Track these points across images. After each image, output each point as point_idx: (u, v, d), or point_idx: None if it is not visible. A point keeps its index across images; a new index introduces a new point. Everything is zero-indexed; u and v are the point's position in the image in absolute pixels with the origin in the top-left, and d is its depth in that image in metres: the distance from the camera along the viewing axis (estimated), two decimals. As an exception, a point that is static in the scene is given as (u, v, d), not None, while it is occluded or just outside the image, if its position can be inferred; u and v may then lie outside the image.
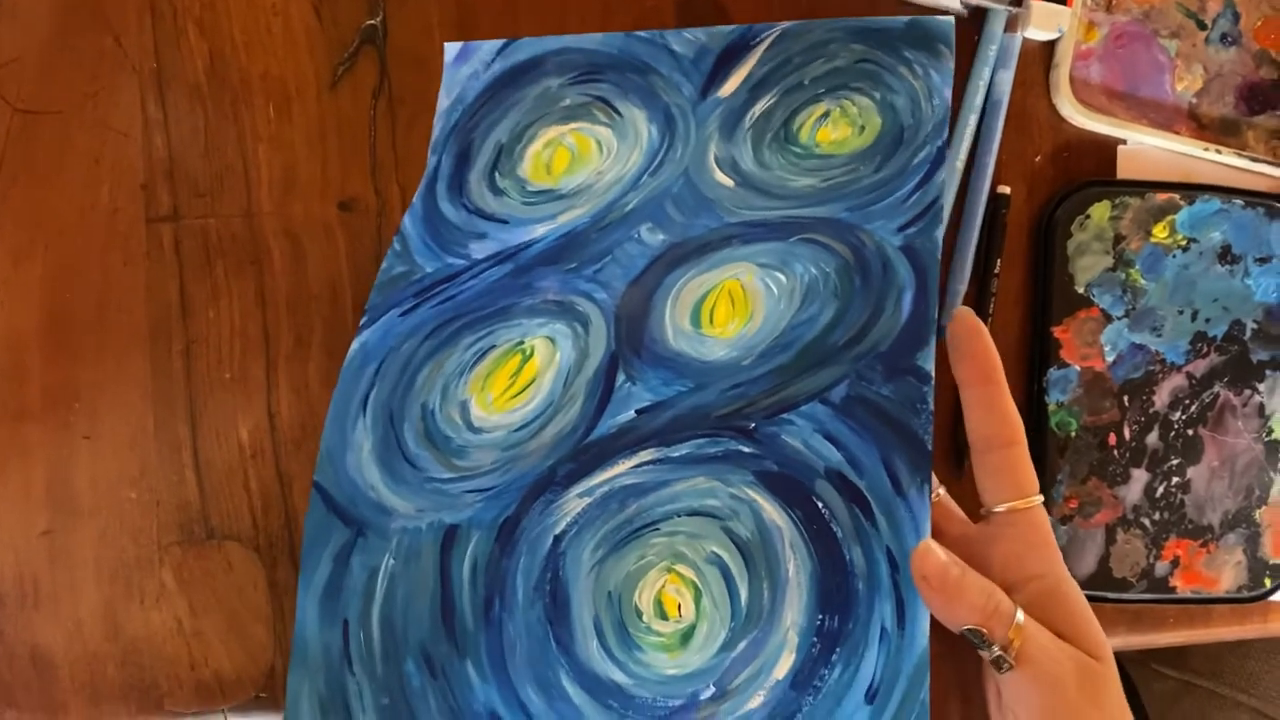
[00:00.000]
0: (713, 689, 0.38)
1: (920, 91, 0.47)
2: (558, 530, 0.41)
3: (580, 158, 0.47)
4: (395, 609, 0.41)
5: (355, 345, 0.46)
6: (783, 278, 0.43)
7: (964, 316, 0.39)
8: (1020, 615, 0.34)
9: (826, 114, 0.47)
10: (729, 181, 0.46)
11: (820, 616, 0.38)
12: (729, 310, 0.43)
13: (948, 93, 0.47)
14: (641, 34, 0.48)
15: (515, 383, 0.44)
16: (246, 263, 0.48)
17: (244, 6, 0.49)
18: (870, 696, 0.36)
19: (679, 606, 0.39)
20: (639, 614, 0.40)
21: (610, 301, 0.44)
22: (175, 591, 0.48)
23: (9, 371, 0.47)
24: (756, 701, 0.37)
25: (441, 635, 0.40)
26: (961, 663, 0.41)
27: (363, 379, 0.45)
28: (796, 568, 0.39)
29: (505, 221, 0.47)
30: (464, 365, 0.44)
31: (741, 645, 0.38)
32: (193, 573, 0.48)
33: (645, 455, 0.41)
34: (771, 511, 0.39)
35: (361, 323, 0.47)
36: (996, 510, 0.36)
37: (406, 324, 0.46)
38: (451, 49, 0.49)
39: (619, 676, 0.39)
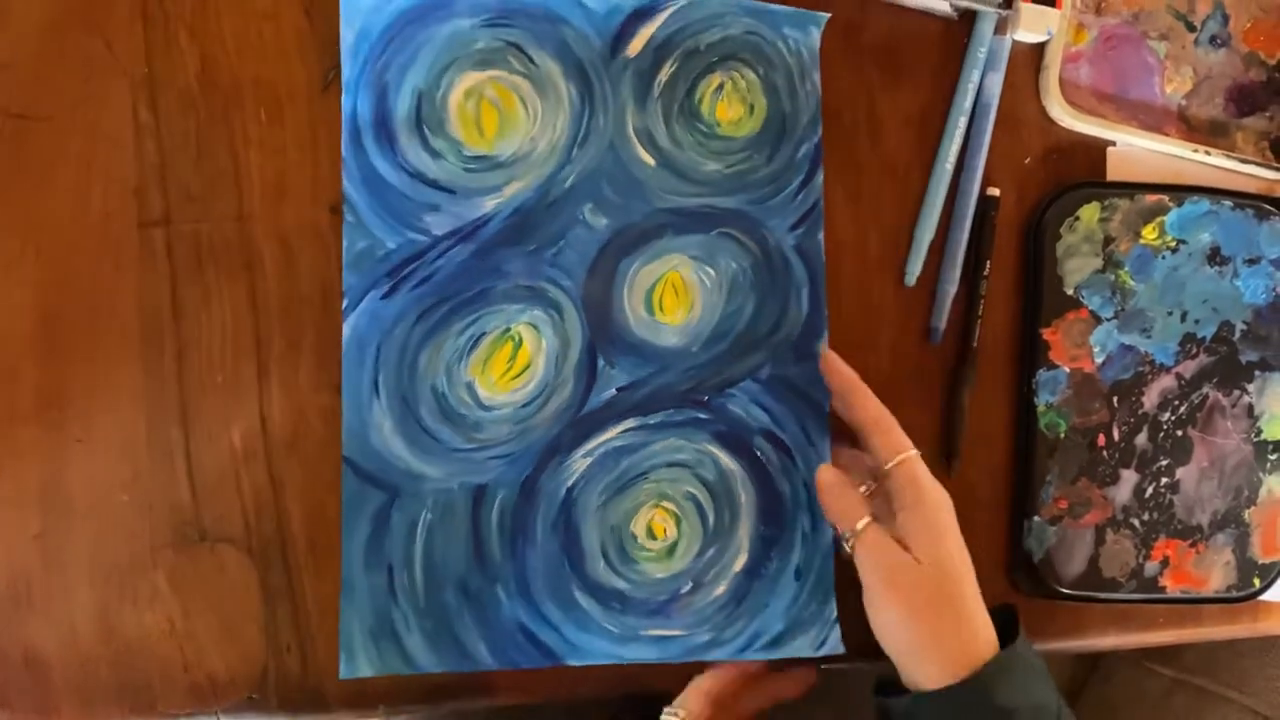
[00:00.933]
0: (690, 584, 0.52)
1: (794, 70, 0.53)
2: (569, 484, 0.51)
3: (509, 118, 0.50)
4: (435, 552, 0.50)
5: (347, 331, 0.49)
6: (712, 271, 0.52)
7: (828, 360, 0.51)
8: (863, 522, 0.47)
9: (721, 86, 0.52)
10: (650, 160, 0.52)
11: (763, 528, 0.52)
12: (674, 300, 0.52)
13: (817, 77, 0.53)
14: None
15: (512, 367, 0.51)
16: (238, 267, 0.49)
17: (235, 11, 0.49)
18: (797, 575, 0.52)
19: (664, 530, 0.52)
20: (634, 538, 0.51)
21: (575, 289, 0.51)
22: (168, 594, 0.48)
23: (1, 375, 0.47)
24: (721, 589, 0.52)
25: (475, 568, 0.50)
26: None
27: (365, 363, 0.49)
28: (746, 497, 0.52)
29: (452, 192, 0.50)
30: (461, 350, 0.50)
31: (710, 552, 0.52)
32: (185, 575, 0.48)
33: (629, 423, 0.52)
34: (726, 460, 0.52)
35: (344, 305, 0.49)
36: (887, 468, 0.48)
37: (391, 308, 0.49)
38: None
39: (620, 584, 0.51)
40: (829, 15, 0.53)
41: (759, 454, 0.52)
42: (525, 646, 0.50)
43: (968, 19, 0.54)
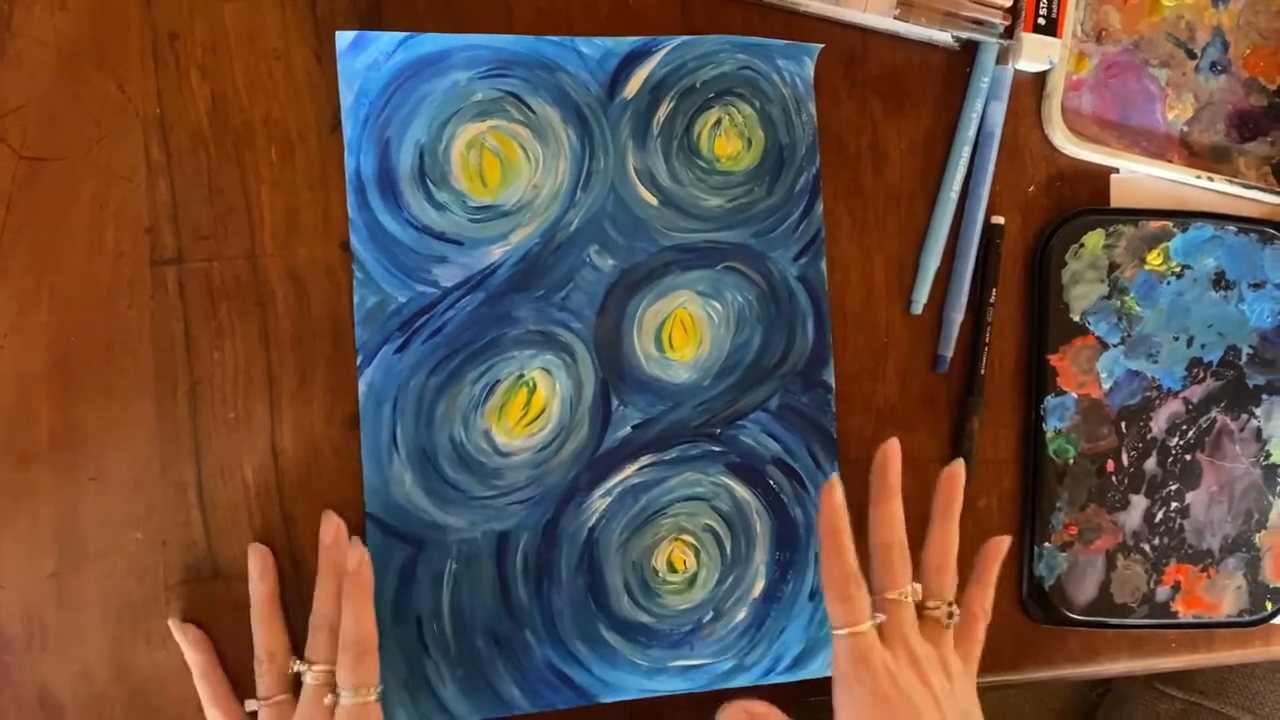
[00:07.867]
0: (712, 613, 0.53)
1: (790, 102, 0.53)
2: (590, 524, 0.52)
3: (510, 167, 0.51)
4: (462, 602, 0.50)
5: (363, 386, 0.49)
6: (719, 306, 0.53)
7: (828, 491, 0.47)
8: (869, 623, 0.45)
9: (719, 121, 0.53)
10: (653, 199, 0.52)
11: (778, 553, 0.53)
12: (684, 336, 0.53)
13: (813, 107, 0.54)
14: (549, 37, 0.51)
15: (528, 413, 0.51)
16: (250, 304, 0.49)
17: (246, 51, 0.49)
18: (811, 596, 0.53)
19: (684, 562, 0.53)
20: (656, 572, 0.52)
21: (586, 331, 0.52)
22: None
23: (16, 414, 0.48)
24: (741, 614, 0.53)
25: (503, 615, 0.51)
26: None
27: (382, 418, 0.50)
28: (761, 525, 0.53)
29: (459, 243, 0.50)
30: (476, 399, 0.51)
31: (729, 581, 0.53)
32: (199, 613, 0.48)
33: (644, 460, 0.52)
34: (740, 490, 0.53)
35: (359, 362, 0.49)
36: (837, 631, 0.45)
37: (405, 361, 0.50)
38: (344, 37, 0.49)
39: (645, 618, 0.52)
40: (821, 45, 0.53)
41: (772, 483, 0.53)
42: (558, 687, 0.51)
43: (969, 49, 0.55)
